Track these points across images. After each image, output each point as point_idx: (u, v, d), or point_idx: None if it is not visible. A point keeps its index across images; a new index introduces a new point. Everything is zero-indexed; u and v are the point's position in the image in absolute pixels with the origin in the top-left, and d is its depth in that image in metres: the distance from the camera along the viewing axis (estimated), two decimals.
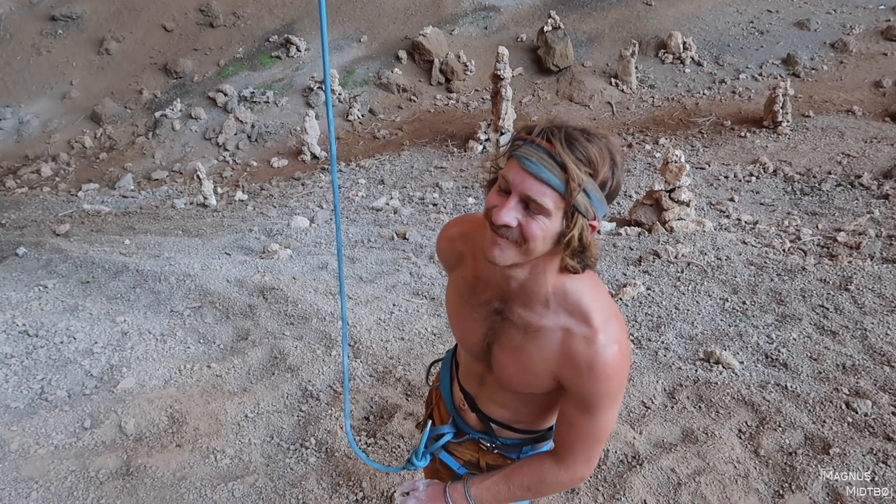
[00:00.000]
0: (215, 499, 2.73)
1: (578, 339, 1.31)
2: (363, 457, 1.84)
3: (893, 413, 3.29)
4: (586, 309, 1.31)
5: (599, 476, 2.89)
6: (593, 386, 1.32)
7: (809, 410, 3.35)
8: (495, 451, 1.66)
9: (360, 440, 3.13)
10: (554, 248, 1.24)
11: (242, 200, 9.88)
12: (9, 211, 9.70)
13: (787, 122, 10.76)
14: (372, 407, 3.38)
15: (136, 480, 2.80)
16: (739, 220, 7.27)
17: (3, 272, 5.45)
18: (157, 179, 11.90)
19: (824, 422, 3.26)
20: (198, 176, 9.89)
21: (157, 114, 13.28)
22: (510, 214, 1.20)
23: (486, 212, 1.26)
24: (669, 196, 6.71)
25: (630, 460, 2.98)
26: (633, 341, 4.15)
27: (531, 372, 1.40)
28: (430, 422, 1.77)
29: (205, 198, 9.55)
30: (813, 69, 13.03)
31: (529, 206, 1.18)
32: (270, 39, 14.97)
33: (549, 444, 1.62)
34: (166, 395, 3.38)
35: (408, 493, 1.58)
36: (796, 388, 3.54)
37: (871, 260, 5.65)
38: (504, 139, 10.99)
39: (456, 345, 1.71)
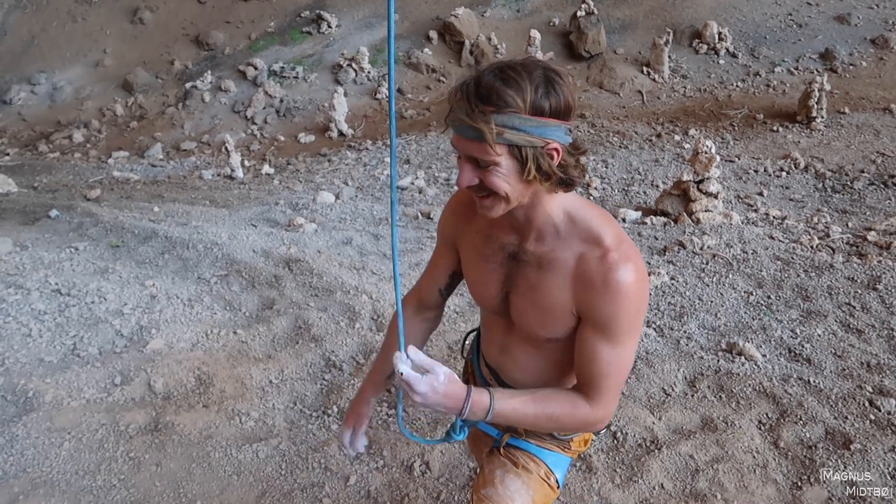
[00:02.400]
0: (240, 458, 2.80)
1: (591, 259, 1.32)
2: (406, 432, 1.81)
3: None
4: (597, 232, 1.33)
5: (617, 458, 2.91)
6: (610, 306, 1.31)
7: (831, 406, 3.34)
8: None
9: (381, 411, 3.18)
10: (529, 183, 1.26)
11: (269, 174, 9.95)
12: (41, 175, 9.87)
13: (822, 117, 10.53)
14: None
15: (164, 437, 2.88)
16: (767, 214, 7.16)
17: (36, 233, 5.58)
18: (185, 150, 12.00)
19: (846, 418, 3.24)
20: (226, 148, 9.97)
21: (188, 85, 13.36)
22: (466, 176, 1.26)
23: None
24: (697, 187, 6.63)
25: (648, 444, 2.99)
26: (654, 329, 4.15)
27: (548, 308, 1.39)
28: None
29: (232, 170, 9.63)
30: (851, 65, 12.71)
31: (479, 162, 1.23)
32: (302, 15, 14.96)
33: None
34: (194, 358, 3.46)
35: (423, 375, 1.33)
36: (819, 384, 3.52)
37: None
38: None
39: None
